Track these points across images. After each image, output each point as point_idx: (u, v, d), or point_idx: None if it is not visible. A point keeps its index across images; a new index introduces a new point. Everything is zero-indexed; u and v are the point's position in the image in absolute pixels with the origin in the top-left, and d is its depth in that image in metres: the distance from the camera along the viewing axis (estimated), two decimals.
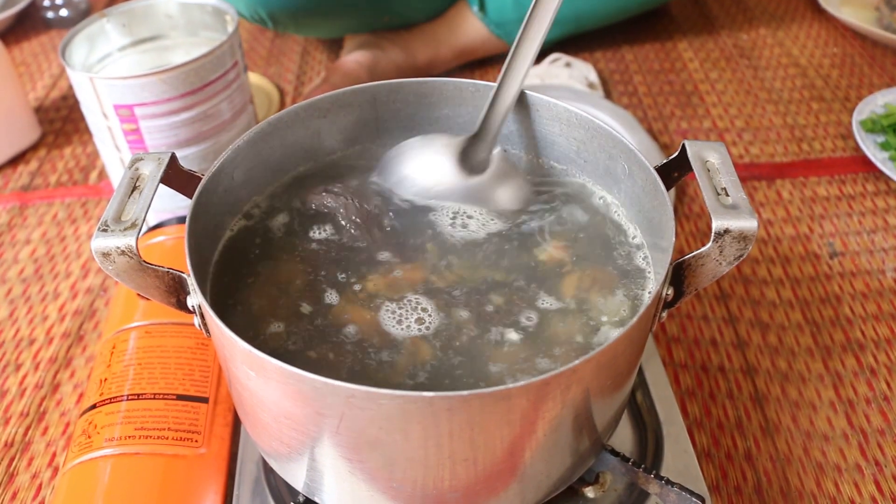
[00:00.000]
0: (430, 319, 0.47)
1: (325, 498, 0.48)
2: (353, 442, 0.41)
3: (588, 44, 1.21)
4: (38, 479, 0.64)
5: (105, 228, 0.42)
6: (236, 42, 0.79)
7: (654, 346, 0.65)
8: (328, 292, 0.49)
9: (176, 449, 0.56)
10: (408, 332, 0.46)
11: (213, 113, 0.77)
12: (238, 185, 0.53)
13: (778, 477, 0.62)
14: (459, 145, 0.56)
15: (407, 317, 0.47)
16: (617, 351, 0.41)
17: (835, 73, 1.14)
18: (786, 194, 0.91)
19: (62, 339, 0.76)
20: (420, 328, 0.47)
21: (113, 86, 0.71)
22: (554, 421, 0.41)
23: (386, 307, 0.48)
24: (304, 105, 0.55)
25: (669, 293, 0.44)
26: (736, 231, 0.41)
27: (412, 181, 0.55)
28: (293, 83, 1.16)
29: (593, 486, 0.55)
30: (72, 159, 1.01)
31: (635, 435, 0.59)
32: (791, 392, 0.68)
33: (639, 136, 0.93)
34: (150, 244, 0.71)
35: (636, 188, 0.51)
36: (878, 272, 0.80)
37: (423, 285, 0.49)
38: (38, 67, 1.23)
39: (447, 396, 0.36)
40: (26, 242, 0.88)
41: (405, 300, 0.48)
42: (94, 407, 0.59)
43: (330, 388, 0.37)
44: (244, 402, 0.46)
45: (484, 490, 0.44)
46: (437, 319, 0.47)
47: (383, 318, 0.47)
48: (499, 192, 0.55)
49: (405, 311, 0.48)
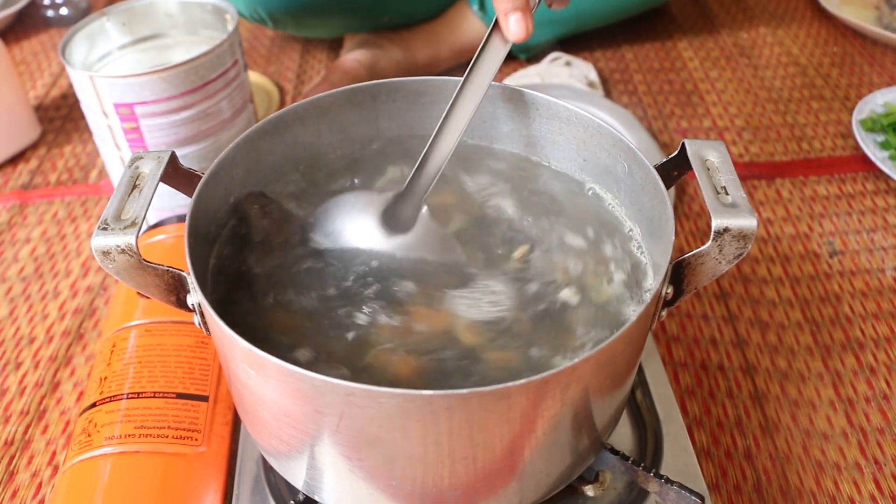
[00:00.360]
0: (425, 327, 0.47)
1: (325, 496, 0.48)
2: (353, 440, 0.41)
3: (588, 43, 1.21)
4: (38, 478, 0.64)
5: (105, 227, 0.42)
6: (236, 41, 0.79)
7: (653, 345, 0.66)
8: (329, 289, 0.49)
9: (176, 447, 0.56)
10: (405, 322, 0.47)
11: (213, 111, 0.77)
12: (238, 183, 0.53)
13: (777, 475, 0.62)
14: (383, 203, 0.53)
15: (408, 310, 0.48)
16: (616, 349, 0.41)
17: (835, 71, 1.14)
18: (785, 193, 0.91)
19: (62, 337, 0.76)
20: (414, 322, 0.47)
21: (113, 84, 0.71)
22: (553, 419, 0.41)
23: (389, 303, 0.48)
24: (303, 104, 0.55)
25: (669, 291, 0.44)
26: (735, 230, 0.41)
27: (339, 237, 0.53)
28: (293, 82, 1.16)
29: (593, 484, 0.55)
30: (72, 158, 1.01)
31: (635, 434, 0.59)
32: (791, 391, 0.68)
33: (639, 135, 0.93)
34: (149, 243, 0.71)
35: (636, 187, 0.51)
36: (877, 271, 0.80)
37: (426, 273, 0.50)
38: (38, 66, 1.23)
39: (446, 395, 0.36)
40: (26, 241, 0.88)
41: (406, 295, 0.48)
42: (94, 405, 0.59)
43: (329, 386, 0.37)
44: (244, 401, 0.46)
45: (483, 488, 0.44)
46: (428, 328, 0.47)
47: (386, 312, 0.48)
48: (425, 251, 0.52)
49: (408, 305, 0.48)
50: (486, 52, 0.53)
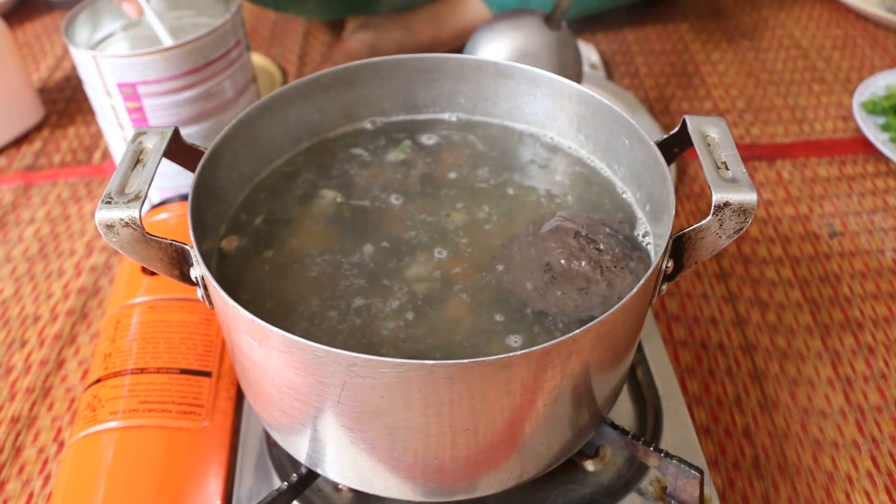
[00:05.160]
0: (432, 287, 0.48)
1: (328, 469, 0.48)
2: (355, 411, 0.41)
3: (590, 25, 1.21)
4: (45, 454, 0.65)
5: (109, 201, 0.42)
6: (238, 21, 0.79)
7: (654, 324, 0.66)
8: (333, 265, 0.49)
9: (180, 422, 0.57)
10: (410, 302, 0.47)
11: (216, 91, 0.77)
12: (242, 160, 0.54)
13: (776, 453, 0.63)
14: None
15: (413, 295, 0.48)
16: (616, 322, 0.41)
17: (836, 54, 1.14)
18: (786, 175, 0.91)
19: (67, 316, 0.77)
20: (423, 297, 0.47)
21: (116, 64, 0.72)
22: (554, 391, 0.42)
23: (394, 282, 0.48)
24: (305, 80, 0.56)
25: (669, 266, 0.45)
26: (736, 204, 0.42)
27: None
28: (295, 64, 1.16)
29: (593, 459, 0.55)
30: (75, 139, 1.01)
31: (635, 410, 0.60)
32: (790, 369, 0.69)
33: (640, 116, 0.93)
34: (153, 221, 0.72)
35: (637, 163, 0.52)
36: (877, 252, 0.80)
37: (432, 261, 0.50)
38: (42, 48, 1.23)
39: (448, 364, 0.37)
40: (31, 222, 0.88)
41: (411, 279, 0.49)
42: (98, 381, 0.60)
43: (331, 356, 0.37)
44: (247, 373, 0.46)
45: (484, 460, 0.45)
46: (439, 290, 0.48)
47: (392, 291, 0.48)
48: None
49: (411, 287, 0.48)
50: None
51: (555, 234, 0.48)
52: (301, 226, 0.52)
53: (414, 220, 0.53)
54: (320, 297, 0.47)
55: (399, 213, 0.53)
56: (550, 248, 0.48)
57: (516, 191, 0.55)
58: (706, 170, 0.43)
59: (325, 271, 0.49)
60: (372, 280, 0.48)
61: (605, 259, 0.47)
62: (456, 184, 0.56)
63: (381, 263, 0.49)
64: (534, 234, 0.49)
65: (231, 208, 0.54)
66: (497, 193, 0.55)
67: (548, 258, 0.47)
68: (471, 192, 0.55)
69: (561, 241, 0.48)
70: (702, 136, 0.46)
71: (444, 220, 0.53)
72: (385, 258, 0.50)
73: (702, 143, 0.46)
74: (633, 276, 0.47)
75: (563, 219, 0.50)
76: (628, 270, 0.47)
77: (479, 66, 0.58)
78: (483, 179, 0.56)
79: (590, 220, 0.49)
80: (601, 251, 0.47)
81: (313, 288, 0.48)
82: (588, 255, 0.47)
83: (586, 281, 0.46)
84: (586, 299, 0.46)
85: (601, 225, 0.49)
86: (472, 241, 0.51)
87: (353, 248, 0.51)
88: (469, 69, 0.58)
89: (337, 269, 0.49)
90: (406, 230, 0.52)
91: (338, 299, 0.47)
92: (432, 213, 0.53)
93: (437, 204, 0.54)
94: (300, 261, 0.50)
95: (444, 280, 0.48)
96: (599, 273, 0.46)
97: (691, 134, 0.46)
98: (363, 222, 0.53)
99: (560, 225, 0.49)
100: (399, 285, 0.48)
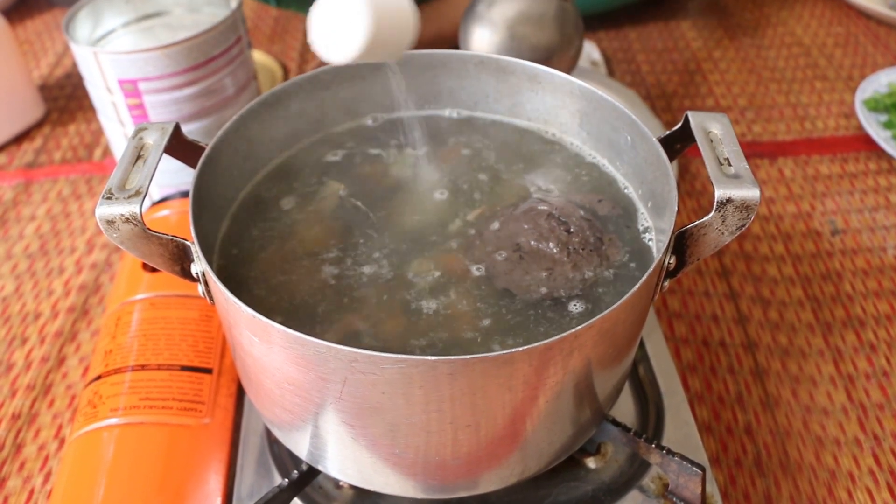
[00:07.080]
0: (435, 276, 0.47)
1: (329, 466, 0.48)
2: (356, 408, 0.41)
3: (591, 22, 1.20)
4: (45, 451, 0.65)
5: (109, 196, 0.42)
6: (239, 18, 0.79)
7: (655, 321, 0.66)
8: (334, 262, 0.49)
9: (180, 419, 0.57)
10: (413, 297, 0.47)
11: (217, 88, 0.77)
12: (243, 156, 0.54)
13: (777, 450, 0.62)
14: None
15: (419, 291, 0.48)
16: (618, 317, 0.41)
17: (838, 52, 1.14)
18: (788, 172, 0.91)
19: (68, 313, 0.76)
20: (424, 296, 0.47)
21: (117, 60, 0.72)
22: (556, 387, 0.41)
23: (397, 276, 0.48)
24: (307, 76, 0.56)
25: (671, 262, 0.44)
26: (738, 200, 0.41)
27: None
28: (297, 61, 1.16)
29: (595, 456, 0.55)
30: (76, 136, 1.01)
31: (637, 407, 0.60)
32: (791, 367, 0.69)
33: (642, 114, 0.93)
34: (154, 218, 0.72)
35: (639, 159, 0.52)
36: (879, 249, 0.80)
37: (429, 257, 0.50)
38: (42, 46, 1.23)
39: (449, 360, 0.37)
40: (31, 219, 0.88)
41: (413, 270, 0.49)
42: (99, 377, 0.60)
43: (333, 352, 0.37)
44: (248, 370, 0.46)
45: (486, 457, 0.45)
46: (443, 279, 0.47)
47: (394, 286, 0.48)
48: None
49: (413, 282, 0.48)
50: None
51: (527, 215, 0.49)
52: (303, 221, 0.52)
53: (416, 218, 0.53)
54: (322, 293, 0.47)
55: (401, 210, 0.53)
56: (522, 228, 0.49)
57: (517, 187, 0.55)
58: (708, 166, 0.43)
59: (326, 266, 0.49)
60: (374, 275, 0.48)
61: (573, 241, 0.47)
62: (456, 180, 0.56)
63: (383, 258, 0.49)
64: (509, 214, 0.50)
65: (232, 204, 0.53)
66: (498, 189, 0.55)
67: (518, 239, 0.48)
68: (471, 188, 0.55)
69: (533, 222, 0.48)
70: (704, 132, 0.46)
71: (447, 216, 0.53)
72: (387, 253, 0.50)
73: (704, 139, 0.46)
74: (601, 258, 0.47)
75: (539, 200, 0.50)
76: (597, 253, 0.47)
77: (481, 62, 0.58)
78: (484, 175, 0.56)
79: (565, 203, 0.50)
80: (571, 233, 0.48)
81: (315, 283, 0.48)
82: (557, 237, 0.47)
83: (552, 262, 0.47)
84: (550, 280, 0.46)
85: (576, 207, 0.49)
86: (472, 236, 0.51)
87: (355, 243, 0.50)
88: (471, 65, 0.58)
89: (338, 264, 0.49)
90: (408, 226, 0.52)
91: (339, 294, 0.47)
92: (435, 210, 0.53)
93: (438, 200, 0.54)
94: (301, 256, 0.50)
95: (445, 276, 0.48)
96: (566, 255, 0.47)
97: (694, 130, 0.46)
98: (365, 217, 0.53)
99: (534, 206, 0.50)
100: (402, 280, 0.48)
